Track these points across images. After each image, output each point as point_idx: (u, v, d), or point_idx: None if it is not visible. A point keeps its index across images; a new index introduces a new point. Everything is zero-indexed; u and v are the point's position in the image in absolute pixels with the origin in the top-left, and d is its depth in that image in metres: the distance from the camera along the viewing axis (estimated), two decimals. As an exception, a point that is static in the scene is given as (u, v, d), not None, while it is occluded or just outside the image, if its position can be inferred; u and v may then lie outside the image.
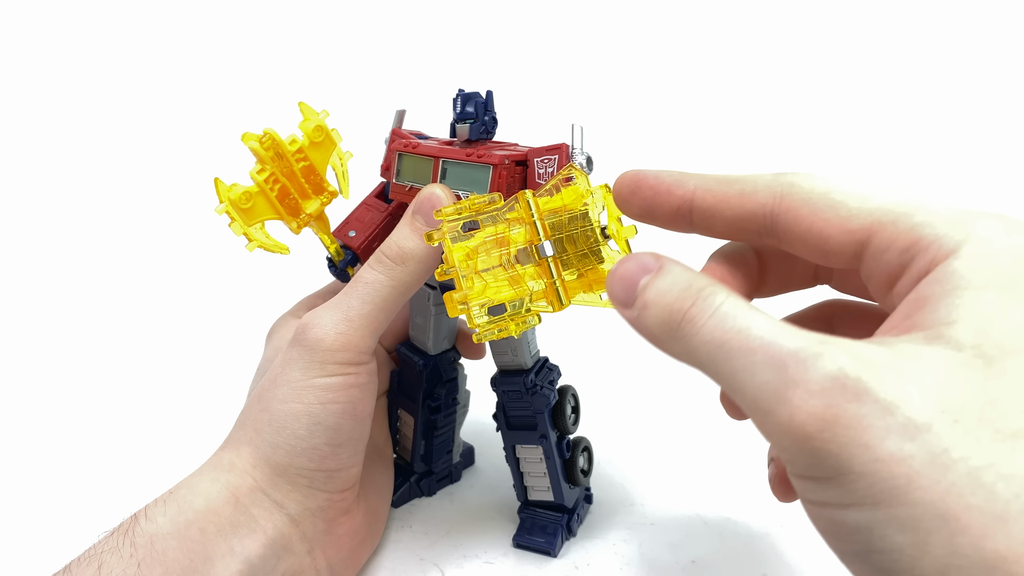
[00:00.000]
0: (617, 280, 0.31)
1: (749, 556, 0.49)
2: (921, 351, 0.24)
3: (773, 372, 0.25)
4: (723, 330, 0.27)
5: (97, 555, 0.37)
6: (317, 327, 0.41)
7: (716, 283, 0.28)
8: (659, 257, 0.30)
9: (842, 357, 0.24)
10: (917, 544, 0.23)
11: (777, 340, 0.25)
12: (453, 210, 0.36)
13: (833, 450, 0.23)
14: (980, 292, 0.25)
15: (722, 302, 0.27)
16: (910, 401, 0.23)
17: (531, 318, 0.37)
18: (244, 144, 0.43)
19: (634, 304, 0.30)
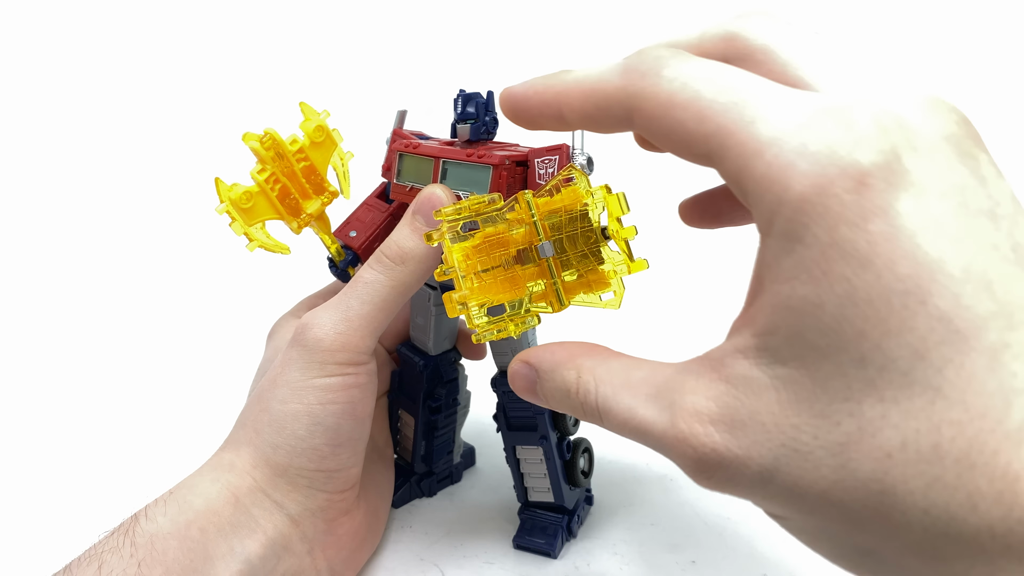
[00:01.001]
0: (518, 381, 0.35)
1: (749, 556, 0.49)
2: (746, 376, 0.26)
3: (661, 447, 0.28)
4: (615, 423, 0.30)
5: (97, 555, 0.37)
6: (316, 327, 0.41)
7: (583, 372, 0.31)
8: (529, 361, 0.34)
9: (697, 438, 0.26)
10: None
11: (646, 424, 0.29)
12: (453, 210, 0.36)
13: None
14: (790, 287, 0.24)
15: (595, 390, 0.31)
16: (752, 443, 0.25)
17: (530, 319, 0.37)
18: (245, 144, 0.44)
19: (543, 403, 0.34)
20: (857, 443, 0.23)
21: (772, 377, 0.25)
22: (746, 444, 0.25)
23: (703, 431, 0.26)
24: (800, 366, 0.24)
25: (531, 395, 0.34)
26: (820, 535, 0.27)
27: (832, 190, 0.23)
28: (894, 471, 0.22)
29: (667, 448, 0.28)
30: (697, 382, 0.27)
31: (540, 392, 0.34)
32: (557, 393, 0.32)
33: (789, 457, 0.24)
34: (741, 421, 0.25)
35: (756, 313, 0.26)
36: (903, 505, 0.22)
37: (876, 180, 0.23)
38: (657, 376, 0.29)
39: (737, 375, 0.26)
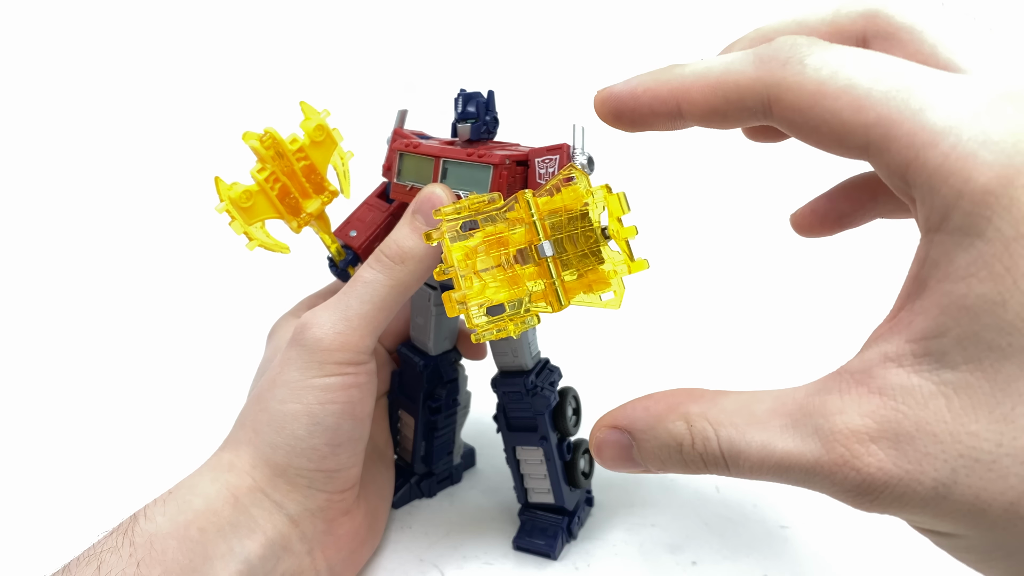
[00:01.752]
0: (611, 466, 0.31)
1: (749, 556, 0.49)
2: (906, 386, 0.24)
3: (809, 480, 0.25)
4: (747, 465, 0.26)
5: (96, 555, 0.37)
6: (315, 327, 0.41)
7: (686, 409, 0.28)
8: (620, 424, 0.30)
9: (867, 485, 0.24)
10: None
11: (788, 458, 0.26)
12: (452, 210, 0.36)
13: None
14: (965, 284, 0.23)
15: (715, 433, 0.27)
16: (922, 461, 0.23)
17: (530, 318, 0.37)
18: (245, 143, 0.43)
19: (641, 468, 0.30)
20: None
21: (940, 384, 0.23)
22: (917, 458, 0.23)
23: (865, 451, 0.24)
24: (975, 369, 0.22)
25: (627, 464, 0.30)
26: (997, 552, 0.24)
27: (1020, 181, 0.22)
28: None
29: (821, 478, 0.25)
30: (843, 400, 0.25)
31: (640, 457, 0.30)
32: (664, 452, 0.28)
33: (970, 468, 0.22)
34: (908, 434, 0.23)
35: (915, 317, 0.24)
36: None
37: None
38: (786, 404, 0.26)
39: (894, 385, 0.24)
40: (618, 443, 0.30)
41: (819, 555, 0.49)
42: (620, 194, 0.39)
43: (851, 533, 0.50)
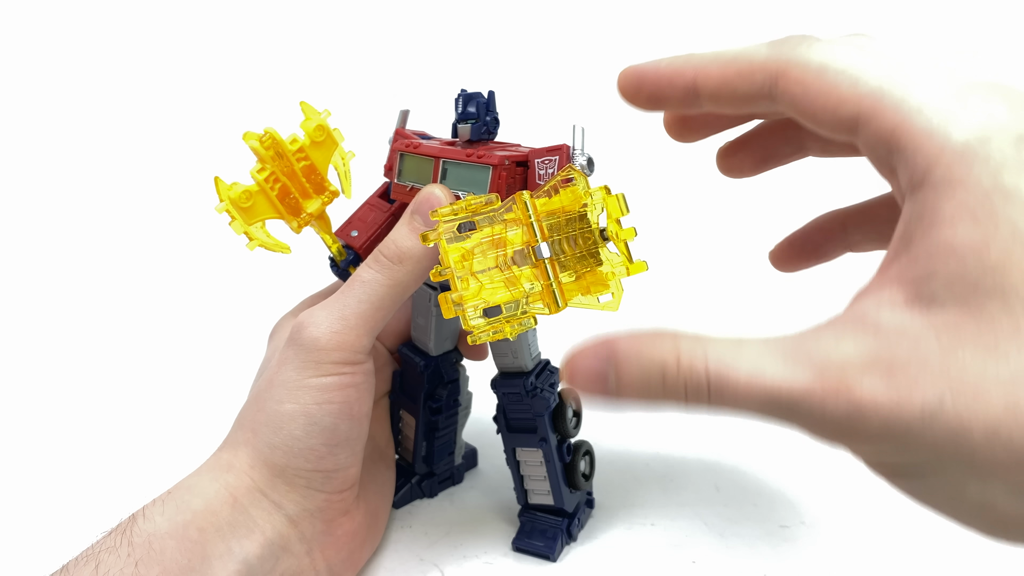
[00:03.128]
0: (581, 387, 0.28)
1: (749, 556, 0.49)
2: (899, 325, 0.25)
3: (796, 415, 0.26)
4: (734, 389, 0.26)
5: (94, 555, 0.37)
6: (312, 326, 0.41)
7: (676, 337, 0.27)
8: (604, 342, 0.28)
9: (855, 403, 0.24)
10: None
11: (784, 384, 0.25)
12: (449, 211, 0.36)
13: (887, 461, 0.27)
14: (953, 229, 0.24)
15: (706, 363, 0.26)
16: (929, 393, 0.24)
17: (527, 320, 0.37)
18: (245, 143, 0.44)
19: (618, 395, 0.28)
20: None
21: (930, 323, 0.24)
22: (907, 386, 0.24)
23: (858, 380, 0.24)
24: (963, 308, 0.24)
25: (600, 389, 0.28)
26: (969, 487, 0.25)
27: (994, 141, 0.24)
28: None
29: (810, 408, 0.25)
30: (838, 337, 0.25)
31: (616, 384, 0.28)
32: (645, 378, 0.27)
33: (956, 394, 0.23)
34: (900, 364, 0.24)
35: (904, 267, 0.25)
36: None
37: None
38: (779, 341, 0.26)
39: (887, 325, 0.25)
40: (595, 367, 0.28)
41: (819, 555, 0.48)
42: (619, 195, 0.39)
43: (850, 533, 0.50)
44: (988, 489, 0.24)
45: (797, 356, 0.25)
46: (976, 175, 0.24)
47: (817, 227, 0.41)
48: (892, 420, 0.24)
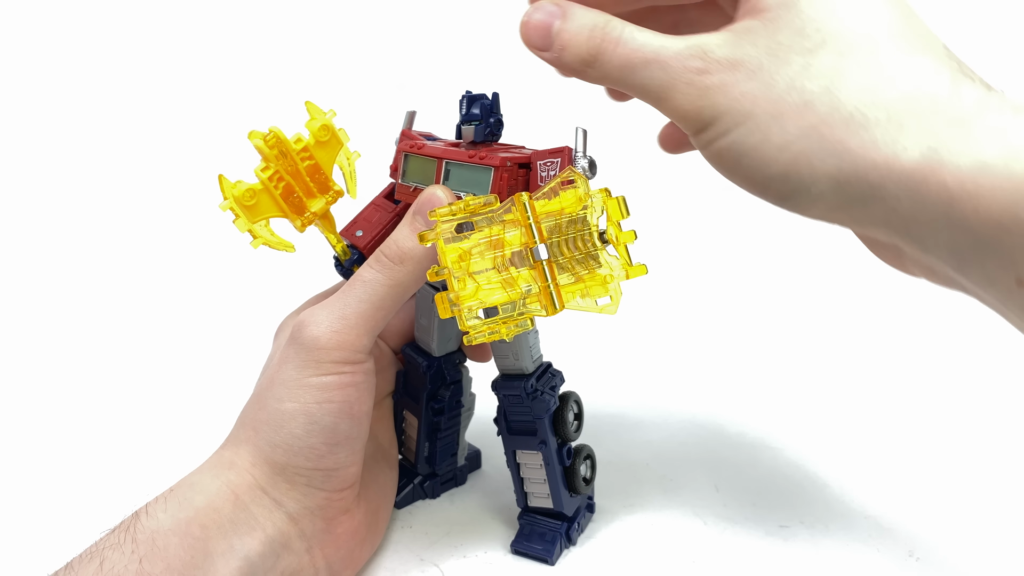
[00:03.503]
0: (532, 29, 0.38)
1: (749, 557, 0.48)
2: (750, 26, 0.36)
3: (664, 73, 0.36)
4: (627, 53, 0.36)
5: (99, 552, 0.37)
6: (313, 325, 0.41)
7: (611, 18, 0.37)
8: (560, 3, 0.38)
9: (701, 56, 0.36)
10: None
11: (663, 50, 0.36)
12: (447, 211, 0.36)
13: (707, 110, 0.35)
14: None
15: (621, 32, 0.37)
16: (747, 60, 0.35)
17: (524, 321, 0.37)
18: (249, 142, 0.44)
19: (552, 47, 0.38)
20: (800, 71, 0.34)
21: (757, 43, 0.35)
22: (741, 54, 0.35)
23: (710, 44, 0.35)
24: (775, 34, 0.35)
25: (545, 37, 0.38)
26: (772, 130, 0.35)
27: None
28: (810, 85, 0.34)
29: (677, 64, 0.36)
30: (708, 38, 0.36)
31: (560, 30, 0.38)
32: (582, 30, 0.37)
33: (770, 60, 0.35)
34: (740, 42, 0.35)
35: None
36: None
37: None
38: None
39: (738, 27, 0.36)
40: (544, 21, 0.38)
41: (818, 555, 0.48)
42: (620, 198, 0.39)
43: (850, 533, 0.50)
44: (785, 129, 0.34)
45: (677, 37, 0.36)
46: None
47: None
48: (732, 72, 0.35)
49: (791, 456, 0.58)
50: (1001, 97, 0.33)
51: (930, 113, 0.33)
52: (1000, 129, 0.32)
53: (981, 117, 0.32)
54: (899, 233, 0.34)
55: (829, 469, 0.57)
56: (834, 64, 0.34)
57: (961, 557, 0.48)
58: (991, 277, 0.33)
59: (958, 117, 0.32)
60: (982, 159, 0.31)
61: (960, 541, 0.50)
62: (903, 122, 0.33)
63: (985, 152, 0.31)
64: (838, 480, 0.55)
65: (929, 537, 0.50)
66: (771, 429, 0.62)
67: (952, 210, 0.32)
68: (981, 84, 0.34)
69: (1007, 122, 0.32)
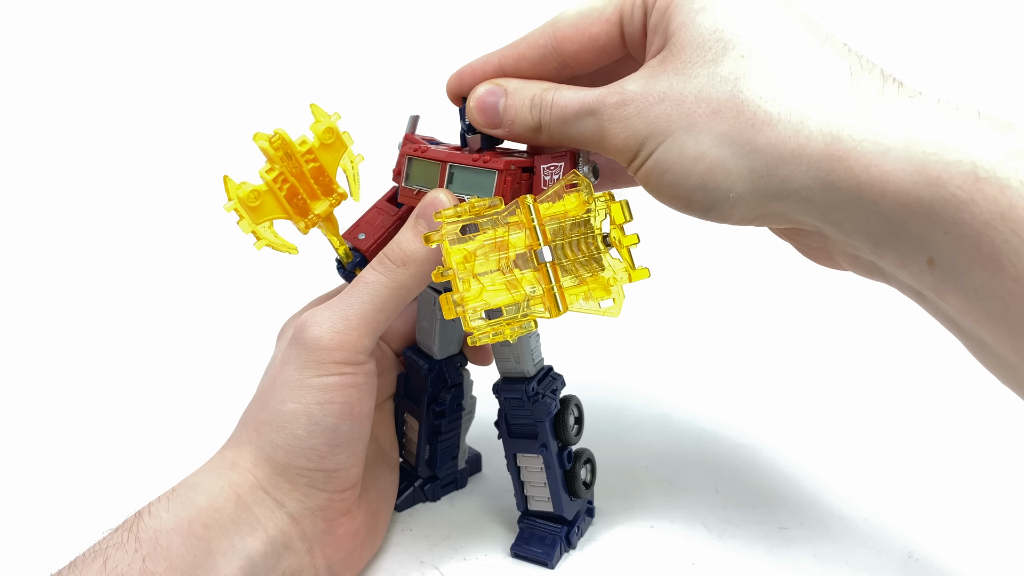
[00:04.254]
0: (480, 111, 0.43)
1: (748, 557, 0.49)
2: (659, 58, 0.39)
3: (593, 118, 0.39)
4: (560, 110, 0.40)
5: (102, 550, 0.37)
6: (315, 326, 0.42)
7: (543, 85, 0.42)
8: (498, 83, 0.43)
9: (618, 92, 0.39)
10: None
11: (587, 97, 0.40)
12: (452, 212, 0.36)
13: (632, 139, 0.38)
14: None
15: (553, 95, 0.41)
16: (658, 84, 0.38)
17: (528, 323, 0.37)
18: (255, 143, 0.44)
19: (502, 124, 0.43)
20: (706, 82, 0.37)
21: (666, 68, 0.38)
22: (653, 82, 0.38)
23: (625, 81, 0.39)
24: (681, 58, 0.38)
25: (493, 115, 0.43)
26: (687, 143, 0.37)
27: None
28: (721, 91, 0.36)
29: (599, 105, 0.39)
30: (625, 79, 0.40)
31: (505, 107, 0.42)
32: (524, 101, 0.42)
33: (678, 79, 0.37)
34: (651, 72, 0.38)
35: (656, 50, 0.40)
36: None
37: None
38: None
39: (650, 62, 0.39)
40: (491, 101, 0.43)
41: (818, 555, 0.49)
42: (623, 202, 0.39)
43: (849, 535, 0.50)
44: (699, 141, 0.36)
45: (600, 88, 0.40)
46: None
47: None
48: (645, 97, 0.38)
49: (791, 458, 0.58)
50: (899, 85, 0.35)
51: (831, 103, 0.34)
52: (899, 114, 0.33)
53: (880, 104, 0.34)
54: (819, 221, 0.36)
55: (828, 471, 0.57)
56: (736, 68, 0.36)
57: (961, 558, 0.48)
58: (904, 259, 0.34)
59: (858, 105, 0.34)
60: (884, 143, 0.33)
61: (959, 542, 0.50)
62: (805, 113, 0.34)
63: (887, 137, 0.33)
64: (837, 482, 0.56)
65: (929, 538, 0.50)
66: (771, 431, 0.62)
67: (862, 194, 0.33)
68: (880, 75, 0.35)
69: (905, 107, 0.34)
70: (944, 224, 0.32)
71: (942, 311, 0.36)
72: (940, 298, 0.35)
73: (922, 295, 0.36)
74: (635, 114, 0.38)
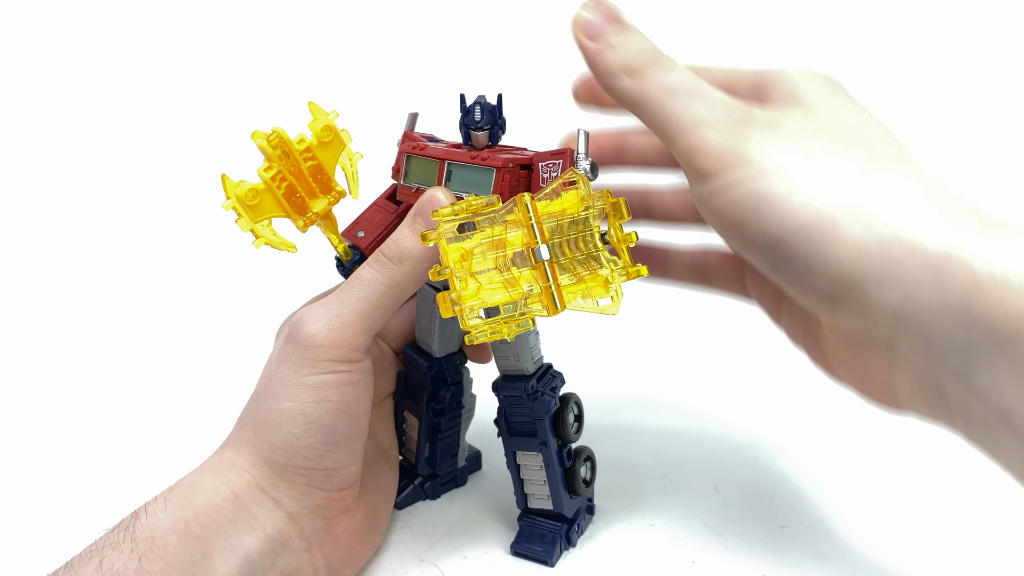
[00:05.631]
0: (594, 8, 0.39)
1: (748, 556, 0.48)
2: (789, 109, 0.38)
3: (705, 109, 0.37)
4: (674, 80, 0.37)
5: (98, 551, 0.37)
6: (310, 323, 0.41)
7: (667, 55, 0.39)
8: (625, 19, 0.39)
9: (748, 109, 0.38)
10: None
11: (711, 91, 0.37)
12: (450, 210, 0.36)
13: (737, 151, 0.36)
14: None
15: (673, 64, 0.38)
16: (786, 125, 0.37)
17: (525, 321, 0.37)
18: (252, 141, 0.44)
19: (599, 40, 0.39)
20: (837, 146, 0.37)
21: (796, 116, 0.38)
22: (784, 118, 0.38)
23: (754, 108, 0.38)
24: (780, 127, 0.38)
25: (602, 26, 0.39)
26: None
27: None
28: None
29: (720, 105, 0.37)
30: None
31: (620, 34, 0.39)
32: (638, 44, 0.39)
33: (807, 132, 0.37)
34: (781, 113, 0.38)
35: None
36: None
37: None
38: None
39: (776, 106, 0.39)
40: (615, 15, 0.40)
41: (818, 555, 0.48)
42: (621, 200, 0.39)
43: (850, 534, 0.50)
44: (819, 185, 0.35)
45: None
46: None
47: None
48: (767, 136, 0.37)
49: (791, 456, 0.58)
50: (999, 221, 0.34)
51: (954, 209, 0.34)
52: (1020, 242, 0.32)
53: (1000, 228, 0.33)
54: (904, 326, 0.33)
55: (829, 470, 0.57)
56: (866, 153, 0.35)
57: (961, 557, 0.48)
58: (999, 383, 0.32)
59: (980, 221, 0.33)
60: (1011, 258, 0.31)
61: (960, 541, 0.50)
62: (927, 213, 0.33)
63: (1014, 256, 0.31)
64: (838, 480, 0.56)
65: (929, 537, 0.50)
66: (771, 429, 0.62)
67: (974, 300, 0.31)
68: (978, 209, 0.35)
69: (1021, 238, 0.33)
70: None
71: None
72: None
73: (1008, 427, 0.33)
74: (755, 136, 0.36)
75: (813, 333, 0.43)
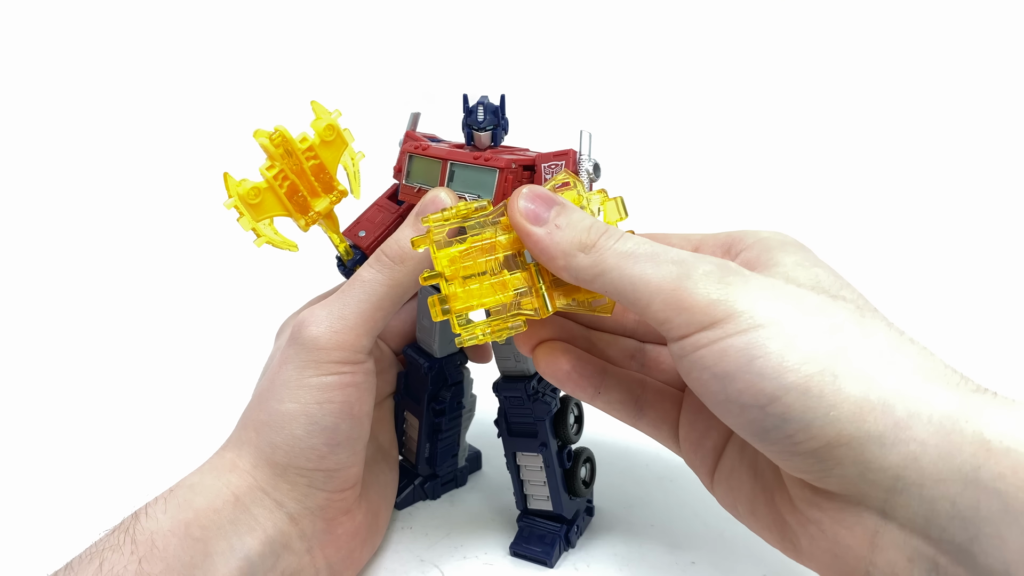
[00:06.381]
0: (533, 197, 0.37)
1: (748, 556, 0.48)
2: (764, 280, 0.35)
3: (677, 267, 0.34)
4: (631, 246, 0.35)
5: (98, 553, 0.37)
6: (312, 325, 0.41)
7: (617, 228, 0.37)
8: (564, 201, 0.37)
9: (724, 261, 0.35)
10: None
11: (674, 250, 0.35)
12: (439, 217, 0.36)
13: (722, 304, 0.33)
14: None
15: (624, 232, 0.36)
16: (773, 275, 0.36)
17: (517, 323, 0.37)
18: (255, 140, 0.44)
19: (546, 222, 0.36)
20: (828, 303, 0.35)
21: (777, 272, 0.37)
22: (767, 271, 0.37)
23: (729, 261, 0.36)
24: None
25: (543, 210, 0.37)
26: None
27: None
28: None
29: (693, 260, 0.35)
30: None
31: (562, 215, 0.37)
32: (584, 220, 0.36)
33: (793, 284, 0.36)
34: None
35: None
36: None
37: None
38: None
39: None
40: (552, 199, 0.37)
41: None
42: (617, 199, 0.39)
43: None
44: (819, 343, 0.33)
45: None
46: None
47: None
48: (753, 288, 0.34)
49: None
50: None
51: (949, 373, 0.32)
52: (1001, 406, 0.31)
53: (993, 396, 0.32)
54: (905, 490, 0.31)
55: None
56: (856, 310, 0.34)
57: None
58: (1005, 556, 0.29)
59: (975, 388, 0.32)
60: (1019, 425, 0.29)
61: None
62: (928, 375, 0.32)
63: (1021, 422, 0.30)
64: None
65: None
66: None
67: (985, 465, 0.29)
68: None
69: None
70: None
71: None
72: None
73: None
74: (740, 286, 0.34)
75: (767, 504, 0.38)
